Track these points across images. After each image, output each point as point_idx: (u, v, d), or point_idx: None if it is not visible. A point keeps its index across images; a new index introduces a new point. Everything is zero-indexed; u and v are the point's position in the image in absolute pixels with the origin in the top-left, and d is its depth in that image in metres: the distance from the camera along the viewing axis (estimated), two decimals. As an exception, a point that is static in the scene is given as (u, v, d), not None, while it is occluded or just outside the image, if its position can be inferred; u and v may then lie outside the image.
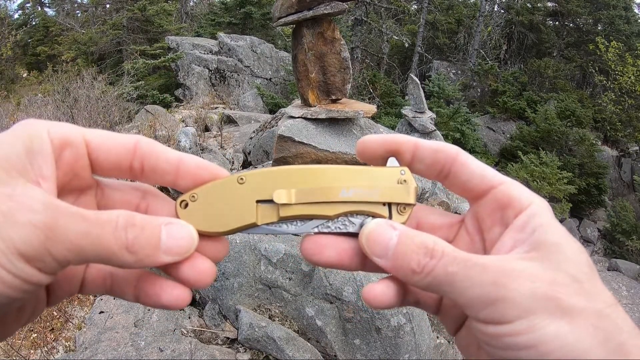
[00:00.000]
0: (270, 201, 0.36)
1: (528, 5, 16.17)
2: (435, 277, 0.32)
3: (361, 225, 0.37)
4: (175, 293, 0.34)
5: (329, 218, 0.37)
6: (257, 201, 0.36)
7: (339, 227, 0.38)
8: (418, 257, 0.32)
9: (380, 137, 0.39)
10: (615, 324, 0.29)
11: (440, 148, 0.37)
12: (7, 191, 0.28)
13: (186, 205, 0.36)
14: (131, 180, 0.38)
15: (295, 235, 0.38)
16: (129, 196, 0.37)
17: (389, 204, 0.38)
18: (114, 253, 0.30)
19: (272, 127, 5.56)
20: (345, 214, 0.37)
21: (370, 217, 0.37)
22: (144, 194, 0.37)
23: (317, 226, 0.38)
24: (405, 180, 0.38)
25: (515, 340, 0.29)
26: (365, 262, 0.38)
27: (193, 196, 0.36)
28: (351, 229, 0.37)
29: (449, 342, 3.69)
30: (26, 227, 0.27)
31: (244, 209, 0.36)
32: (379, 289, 0.37)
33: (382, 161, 0.39)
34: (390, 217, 0.38)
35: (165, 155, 0.35)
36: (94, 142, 0.33)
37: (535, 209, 0.33)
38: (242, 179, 0.37)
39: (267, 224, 0.37)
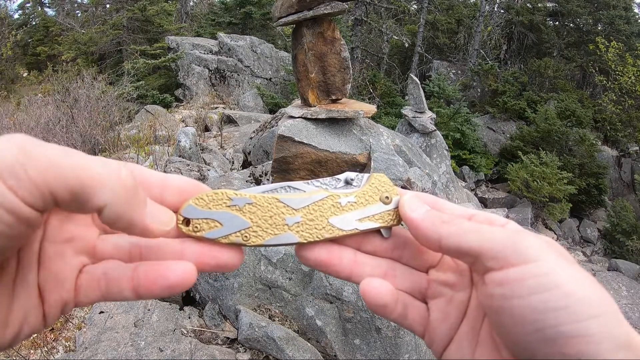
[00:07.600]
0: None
1: (528, 5, 16.15)
2: (463, 227, 0.36)
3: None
4: (180, 269, 0.34)
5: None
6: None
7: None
8: (450, 216, 0.39)
9: None
10: (610, 297, 0.32)
11: None
12: None
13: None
14: None
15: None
16: None
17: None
18: (94, 167, 0.28)
19: (272, 127, 5.55)
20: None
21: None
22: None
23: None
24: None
25: (540, 281, 0.31)
26: (352, 270, 0.41)
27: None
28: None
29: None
30: (2, 145, 0.26)
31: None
32: (377, 282, 0.40)
33: None
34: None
35: (152, 175, 0.38)
36: None
37: None
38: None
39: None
